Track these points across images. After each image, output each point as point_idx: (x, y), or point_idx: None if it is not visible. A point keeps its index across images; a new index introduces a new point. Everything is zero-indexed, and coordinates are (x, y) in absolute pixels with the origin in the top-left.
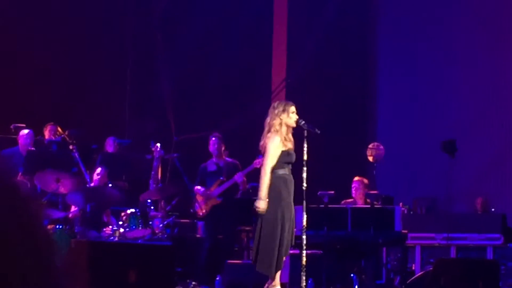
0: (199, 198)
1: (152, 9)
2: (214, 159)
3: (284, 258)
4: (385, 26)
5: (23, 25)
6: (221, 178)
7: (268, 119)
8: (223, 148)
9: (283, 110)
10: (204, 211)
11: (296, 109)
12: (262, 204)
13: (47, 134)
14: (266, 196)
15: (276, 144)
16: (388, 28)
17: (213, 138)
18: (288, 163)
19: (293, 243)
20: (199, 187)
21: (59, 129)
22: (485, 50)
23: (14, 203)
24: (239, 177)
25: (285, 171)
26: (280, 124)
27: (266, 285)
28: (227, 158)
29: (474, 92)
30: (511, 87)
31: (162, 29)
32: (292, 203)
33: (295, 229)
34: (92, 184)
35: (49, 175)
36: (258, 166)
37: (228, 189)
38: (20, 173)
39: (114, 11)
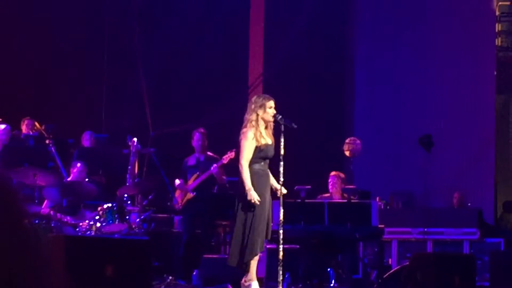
0: (177, 192)
1: (129, 3)
2: (196, 154)
3: (258, 253)
4: (363, 21)
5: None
6: (198, 172)
7: (246, 114)
8: (205, 144)
9: (260, 105)
10: (179, 204)
11: (275, 103)
12: (251, 194)
13: (24, 128)
14: (250, 185)
15: (248, 139)
16: (366, 23)
17: (197, 134)
18: (264, 158)
19: (268, 237)
20: (177, 180)
21: (36, 124)
22: (464, 46)
23: (1, 198)
24: (214, 168)
25: (261, 166)
26: (257, 119)
27: (243, 279)
28: (209, 153)
29: (451, 87)
30: (488, 82)
31: (139, 23)
32: (269, 198)
33: (271, 224)
34: (69, 179)
35: (25, 170)
36: (225, 162)
37: (204, 183)
38: None
39: (91, 4)
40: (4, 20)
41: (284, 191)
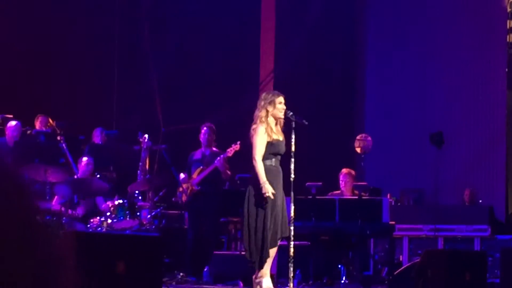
0: (182, 186)
1: (140, 0)
2: (202, 148)
3: (274, 249)
4: (373, 18)
5: (11, 18)
6: (201, 166)
7: (256, 111)
8: (213, 139)
9: (270, 102)
10: (184, 198)
11: (285, 100)
12: (266, 187)
13: (38, 125)
14: (265, 179)
15: (260, 134)
16: (376, 20)
17: (204, 128)
18: (275, 154)
19: (286, 234)
20: (182, 175)
21: (50, 120)
22: (475, 43)
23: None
24: (218, 161)
25: (272, 162)
26: (266, 115)
27: (254, 276)
28: (214, 149)
29: (462, 84)
30: (499, 79)
31: (150, 20)
32: (282, 194)
33: (286, 220)
34: (79, 174)
35: (36, 166)
36: (230, 155)
37: (212, 177)
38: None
39: (103, 3)
40: (20, 18)
41: None
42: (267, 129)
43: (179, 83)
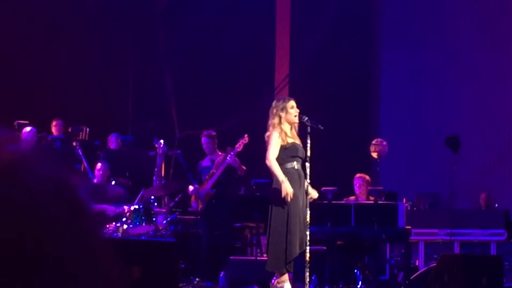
0: (192, 198)
1: (155, 5)
2: (209, 157)
3: (297, 253)
4: (388, 21)
5: (24, 22)
6: (212, 170)
7: (269, 120)
8: (215, 145)
9: (282, 108)
10: (201, 206)
11: (298, 104)
12: (285, 186)
13: (54, 129)
14: (284, 177)
15: (274, 138)
16: (391, 23)
17: (203, 138)
18: (294, 156)
19: (305, 240)
20: (191, 187)
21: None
22: (489, 44)
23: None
24: (231, 158)
25: (293, 165)
26: (280, 122)
27: (273, 280)
28: (220, 153)
29: (478, 87)
30: None
31: (165, 25)
32: (305, 199)
33: (307, 228)
34: (95, 181)
35: None
36: (239, 149)
37: (222, 179)
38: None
39: (116, 6)
40: (26, 23)
41: (315, 194)
42: (281, 134)
43: (194, 88)
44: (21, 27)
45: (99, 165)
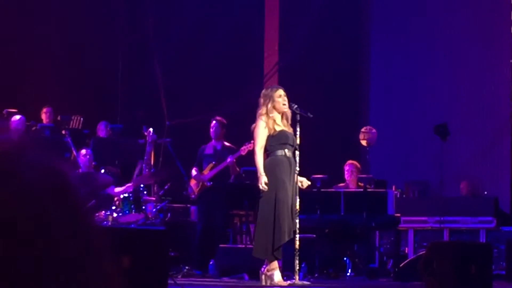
0: (192, 181)
1: None
2: (213, 142)
3: (286, 240)
4: (377, 10)
5: (16, 12)
6: (213, 162)
7: (257, 110)
8: (222, 133)
9: (269, 97)
10: (194, 193)
11: (287, 93)
12: (261, 179)
13: (44, 116)
14: (263, 172)
15: (260, 127)
16: (380, 12)
17: (214, 122)
18: (284, 143)
19: (294, 228)
20: (194, 170)
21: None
22: (479, 34)
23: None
24: (231, 161)
25: (283, 153)
26: (267, 111)
27: (263, 268)
28: (226, 143)
29: (466, 76)
30: (504, 71)
31: (154, 12)
32: (294, 187)
33: (296, 215)
34: (81, 167)
35: None
36: (243, 153)
37: (220, 173)
38: None
39: None
40: (17, 13)
41: (308, 182)
42: (267, 123)
43: (183, 76)
44: (9, 13)
45: (83, 151)
